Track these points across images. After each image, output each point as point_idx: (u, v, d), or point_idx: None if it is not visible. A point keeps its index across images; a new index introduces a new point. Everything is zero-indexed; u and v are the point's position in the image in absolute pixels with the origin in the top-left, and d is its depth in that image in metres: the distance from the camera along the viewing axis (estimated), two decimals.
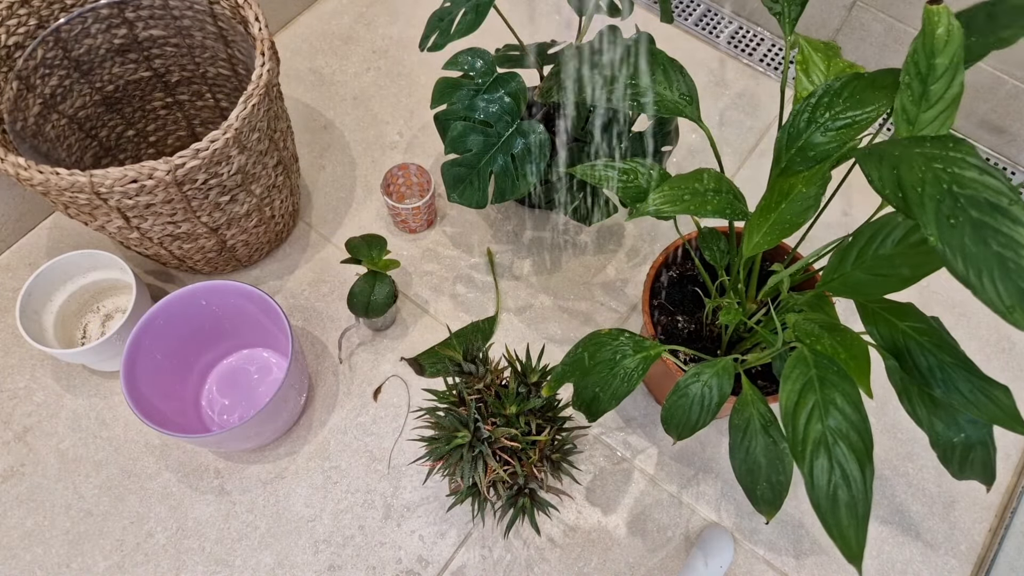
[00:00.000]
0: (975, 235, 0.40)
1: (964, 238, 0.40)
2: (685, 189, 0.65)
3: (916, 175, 0.46)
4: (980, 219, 0.41)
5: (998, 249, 0.39)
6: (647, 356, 0.68)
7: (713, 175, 0.67)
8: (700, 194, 0.65)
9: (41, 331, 0.90)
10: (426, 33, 0.83)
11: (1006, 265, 0.38)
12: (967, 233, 0.40)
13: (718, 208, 0.64)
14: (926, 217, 0.42)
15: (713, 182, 0.66)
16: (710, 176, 0.67)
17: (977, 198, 0.41)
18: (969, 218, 0.41)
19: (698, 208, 0.64)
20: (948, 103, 0.61)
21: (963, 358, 0.59)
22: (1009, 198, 0.40)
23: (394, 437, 0.93)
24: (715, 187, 0.66)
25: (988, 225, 0.40)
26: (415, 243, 1.05)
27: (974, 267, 0.39)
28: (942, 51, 0.60)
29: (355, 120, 1.15)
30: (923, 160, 0.46)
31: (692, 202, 0.64)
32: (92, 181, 0.73)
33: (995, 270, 0.39)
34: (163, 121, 1.05)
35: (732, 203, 0.66)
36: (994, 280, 0.39)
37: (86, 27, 0.89)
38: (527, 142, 0.79)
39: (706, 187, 0.66)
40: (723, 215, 0.64)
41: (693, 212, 0.64)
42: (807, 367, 0.57)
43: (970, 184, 0.42)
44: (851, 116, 0.62)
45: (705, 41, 1.25)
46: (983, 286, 0.38)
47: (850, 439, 0.52)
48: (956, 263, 0.40)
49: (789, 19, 0.71)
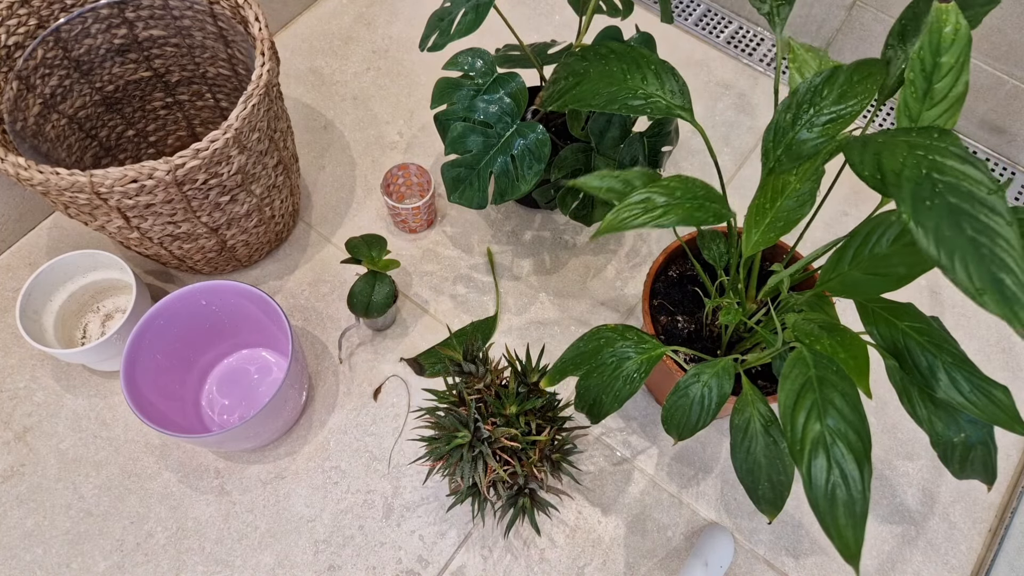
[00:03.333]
0: (950, 219, 0.40)
1: (939, 221, 0.40)
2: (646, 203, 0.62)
3: (897, 160, 0.46)
4: (957, 205, 0.41)
5: (972, 234, 0.39)
6: (650, 357, 0.68)
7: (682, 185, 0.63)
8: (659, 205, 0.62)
9: (41, 331, 0.90)
10: (426, 33, 0.83)
11: (979, 251, 0.39)
12: (943, 216, 0.40)
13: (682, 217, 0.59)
14: (902, 195, 0.42)
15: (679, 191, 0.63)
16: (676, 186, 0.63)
17: (956, 185, 0.42)
18: (946, 203, 0.41)
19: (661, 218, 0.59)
20: (952, 102, 0.61)
21: (963, 358, 0.59)
22: (988, 188, 0.41)
23: (394, 437, 0.93)
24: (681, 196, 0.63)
25: (965, 211, 0.40)
26: (415, 243, 1.05)
27: (947, 249, 0.39)
28: (948, 49, 0.60)
29: (355, 120, 1.15)
30: (906, 147, 0.47)
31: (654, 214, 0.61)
32: (92, 181, 0.73)
33: (968, 255, 0.39)
34: (163, 121, 1.05)
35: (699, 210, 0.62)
36: (966, 264, 0.39)
37: (86, 27, 0.89)
38: (527, 143, 0.79)
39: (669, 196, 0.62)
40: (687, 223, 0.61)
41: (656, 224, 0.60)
42: (806, 367, 0.57)
43: (950, 171, 0.43)
44: (835, 111, 0.62)
45: (705, 41, 1.25)
46: (954, 268, 0.39)
47: (848, 439, 0.52)
48: (928, 243, 0.40)
49: (779, 18, 0.71)
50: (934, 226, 0.41)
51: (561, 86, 0.78)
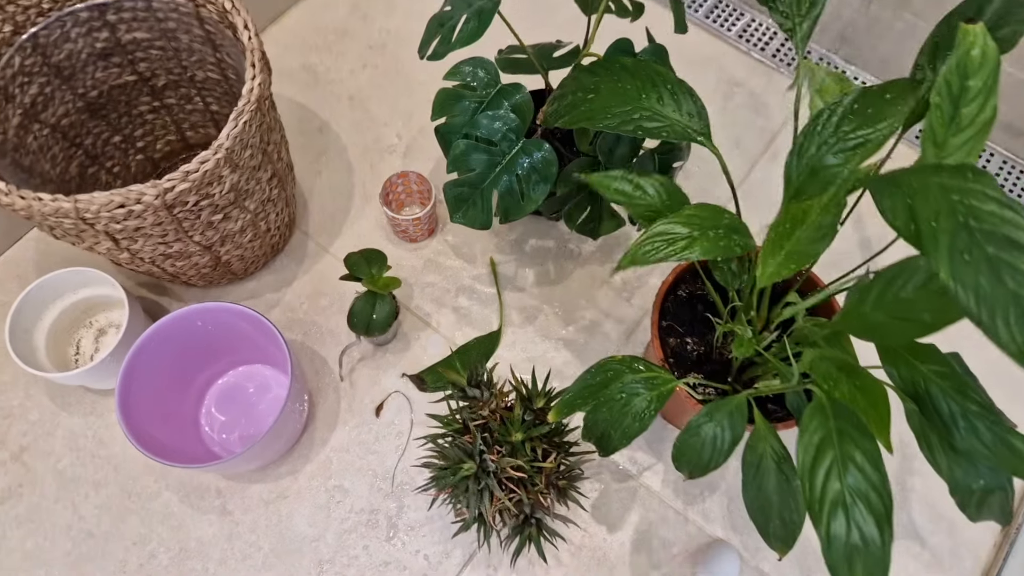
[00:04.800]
0: (990, 272, 0.38)
1: (978, 275, 0.38)
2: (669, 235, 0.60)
3: (931, 207, 0.44)
4: (996, 255, 0.39)
5: (1014, 287, 0.37)
6: (660, 394, 0.66)
7: (704, 213, 0.62)
8: (683, 236, 0.60)
9: (32, 350, 0.87)
10: (425, 39, 0.79)
11: (1022, 305, 0.36)
12: (981, 270, 0.38)
13: (707, 249, 0.59)
14: (939, 253, 0.40)
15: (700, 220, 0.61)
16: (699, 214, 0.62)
17: (995, 233, 0.39)
18: (984, 254, 0.39)
19: (685, 251, 0.59)
20: (979, 128, 0.58)
21: (987, 405, 0.57)
22: None
23: (397, 455, 0.91)
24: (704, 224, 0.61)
25: (1004, 262, 0.38)
26: (416, 253, 1.02)
27: (987, 306, 0.37)
28: (976, 72, 0.57)
29: (352, 122, 1.10)
30: (940, 191, 0.44)
31: (678, 245, 0.60)
32: (77, 207, 0.69)
33: (1010, 310, 0.37)
34: (151, 126, 1.01)
35: (724, 242, 0.61)
36: (1008, 320, 0.37)
37: (65, 31, 0.85)
38: (533, 162, 0.75)
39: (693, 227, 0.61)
40: (711, 255, 0.60)
41: (679, 257, 0.59)
42: (825, 418, 0.55)
43: (988, 218, 0.40)
44: (862, 135, 0.59)
45: (715, 35, 1.20)
46: (996, 326, 0.37)
47: (869, 500, 0.50)
48: (968, 301, 0.38)
49: (801, 35, 0.67)
50: (973, 283, 0.38)
51: (569, 101, 0.74)
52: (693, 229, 0.61)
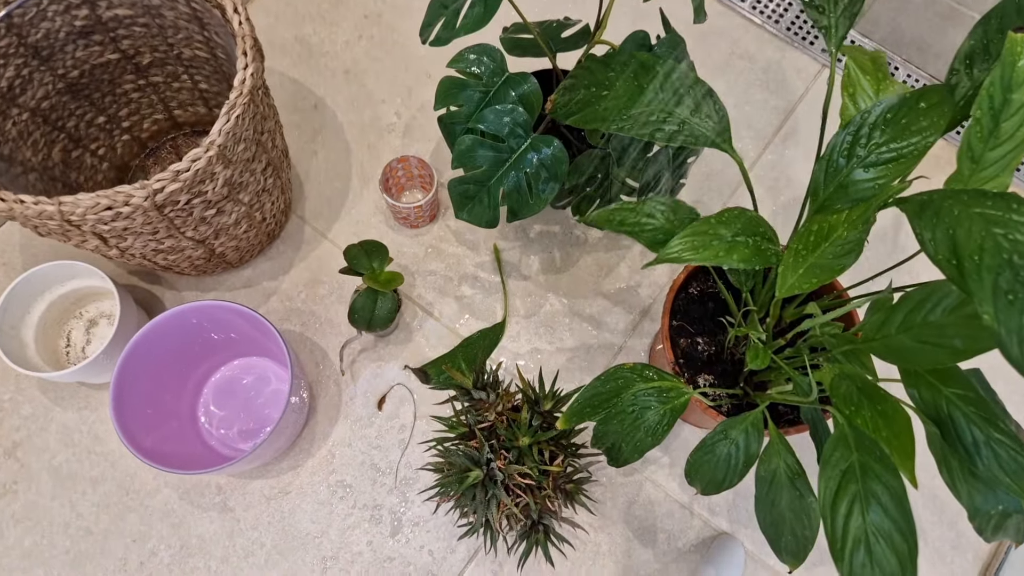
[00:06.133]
0: None
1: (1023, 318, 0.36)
2: (710, 235, 0.59)
3: (974, 241, 0.41)
4: None
5: None
6: (673, 407, 0.64)
7: (744, 218, 0.61)
8: (726, 240, 0.59)
9: (21, 346, 0.85)
10: (427, 20, 0.73)
11: None
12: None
13: (745, 257, 0.58)
14: (983, 292, 0.38)
15: (741, 224, 0.60)
16: (739, 218, 0.60)
17: None
18: None
19: (724, 256, 0.58)
20: (1017, 143, 0.55)
21: (1012, 435, 0.55)
22: None
23: (400, 449, 0.90)
24: (744, 229, 0.60)
25: None
26: (417, 239, 0.99)
27: None
28: (1021, 85, 0.54)
29: (348, 98, 1.05)
30: (982, 223, 0.42)
31: (719, 248, 0.59)
32: (61, 210, 0.66)
33: None
34: (136, 105, 0.95)
35: (761, 250, 0.60)
36: None
37: (42, 10, 0.79)
38: (542, 159, 0.71)
39: (735, 231, 0.60)
40: (750, 264, 0.59)
41: (717, 261, 0.58)
42: (848, 450, 0.54)
43: None
44: (896, 149, 0.56)
45: (726, 6, 1.14)
46: None
47: (893, 540, 0.49)
48: (1012, 346, 0.36)
49: (836, 36, 0.63)
50: (1018, 325, 0.36)
51: (581, 96, 0.70)
52: (736, 234, 0.59)
